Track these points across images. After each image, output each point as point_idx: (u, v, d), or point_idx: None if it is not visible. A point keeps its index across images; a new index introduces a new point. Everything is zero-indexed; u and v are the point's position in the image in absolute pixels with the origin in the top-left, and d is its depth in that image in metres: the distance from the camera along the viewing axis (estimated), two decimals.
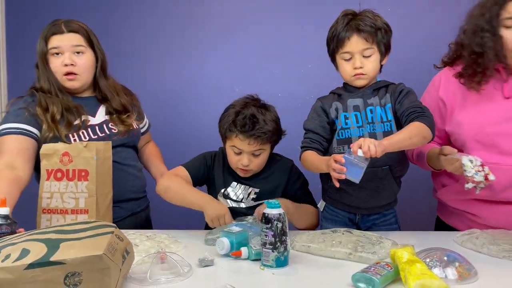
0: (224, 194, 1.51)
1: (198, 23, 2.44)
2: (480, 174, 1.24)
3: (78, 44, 1.53)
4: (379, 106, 1.40)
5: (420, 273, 0.92)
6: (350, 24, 1.38)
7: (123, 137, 1.59)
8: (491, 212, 1.36)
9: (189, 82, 2.45)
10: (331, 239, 1.21)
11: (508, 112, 1.33)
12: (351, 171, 1.19)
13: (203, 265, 1.11)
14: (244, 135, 1.41)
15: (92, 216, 1.37)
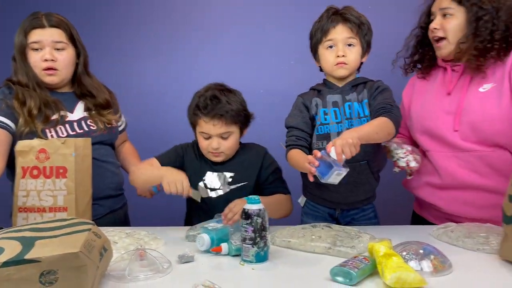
0: (205, 184, 1.51)
1: (180, 20, 2.43)
2: (402, 160, 1.41)
3: (59, 41, 1.50)
4: (356, 101, 1.42)
5: (396, 266, 0.93)
6: (336, 15, 1.41)
7: (102, 134, 1.57)
8: (447, 200, 1.43)
9: (172, 79, 2.44)
10: (310, 234, 1.22)
11: (448, 107, 1.42)
12: (322, 167, 1.17)
13: (183, 262, 1.11)
14: (207, 116, 1.42)
15: (71, 214, 1.35)
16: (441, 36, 1.41)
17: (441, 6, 1.40)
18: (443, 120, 1.42)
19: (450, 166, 1.40)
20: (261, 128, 2.35)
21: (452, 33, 1.39)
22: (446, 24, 1.40)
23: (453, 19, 1.38)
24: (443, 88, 1.47)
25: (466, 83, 1.40)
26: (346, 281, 0.95)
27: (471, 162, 1.37)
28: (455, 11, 1.38)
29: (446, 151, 1.41)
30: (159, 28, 2.44)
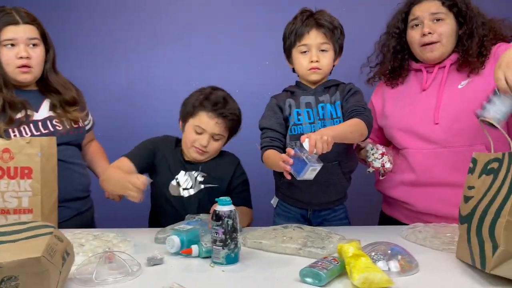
0: (177, 182, 1.50)
1: (153, 18, 2.40)
2: (378, 161, 1.45)
3: (34, 37, 1.47)
4: (329, 103, 1.43)
5: (364, 267, 0.95)
6: (310, 19, 1.42)
7: (68, 135, 1.53)
8: (420, 198, 1.46)
9: (145, 76, 2.40)
10: (282, 235, 1.22)
11: (423, 102, 1.47)
12: (296, 165, 1.19)
13: (152, 264, 1.09)
14: (215, 112, 1.44)
15: (37, 216, 1.31)
16: (435, 40, 1.44)
17: (431, 11, 1.44)
18: (422, 115, 1.46)
19: (428, 163, 1.44)
20: None
21: (446, 36, 1.44)
22: (438, 28, 1.44)
23: (445, 23, 1.44)
24: (417, 87, 1.52)
25: (443, 81, 1.46)
26: (315, 282, 0.95)
27: (449, 158, 1.40)
28: (445, 16, 1.44)
29: (424, 148, 1.45)
30: (129, 25, 2.39)
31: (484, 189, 1.00)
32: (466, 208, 1.05)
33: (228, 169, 1.55)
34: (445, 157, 1.41)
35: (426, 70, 1.51)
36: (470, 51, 1.42)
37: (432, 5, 1.44)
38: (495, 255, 0.91)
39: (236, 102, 1.55)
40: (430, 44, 1.45)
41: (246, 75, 2.39)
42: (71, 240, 1.19)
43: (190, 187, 1.49)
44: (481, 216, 0.97)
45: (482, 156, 1.07)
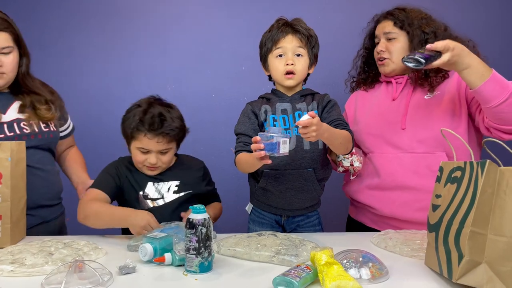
0: (144, 195, 1.48)
1: (130, 20, 2.37)
2: (347, 160, 1.53)
3: (6, 46, 1.43)
4: (306, 112, 1.44)
5: (336, 275, 0.96)
6: (286, 26, 1.45)
7: (37, 138, 1.48)
8: (384, 202, 1.52)
9: (120, 80, 2.37)
10: (256, 242, 1.22)
11: (393, 111, 1.55)
12: (268, 146, 1.19)
13: (124, 273, 1.08)
14: (153, 133, 1.41)
15: (6, 222, 1.27)
16: (386, 57, 1.56)
17: (384, 31, 1.56)
18: (391, 120, 1.53)
19: (391, 167, 1.50)
20: (211, 132, 2.36)
21: (395, 54, 1.54)
22: (390, 46, 1.55)
23: (396, 42, 1.54)
24: (388, 96, 1.59)
25: (410, 91, 1.54)
26: None
27: (411, 163, 1.46)
28: (397, 35, 1.54)
29: (388, 152, 1.51)
30: (106, 30, 2.36)
31: (449, 198, 1.03)
32: (434, 216, 1.08)
33: (197, 172, 1.57)
34: (407, 162, 1.48)
35: (396, 81, 1.59)
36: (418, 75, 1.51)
37: (386, 25, 1.56)
38: (460, 265, 0.94)
39: (175, 109, 1.52)
40: (381, 60, 1.58)
41: (222, 80, 2.39)
42: (39, 248, 1.17)
43: (162, 196, 1.48)
44: (447, 226, 1.00)
45: (447, 165, 1.10)
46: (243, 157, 1.39)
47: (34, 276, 1.06)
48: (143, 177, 1.50)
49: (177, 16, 2.38)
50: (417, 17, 1.52)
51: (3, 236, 1.26)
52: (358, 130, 1.60)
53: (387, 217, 1.51)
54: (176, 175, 1.51)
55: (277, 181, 1.43)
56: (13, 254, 1.14)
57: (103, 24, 2.36)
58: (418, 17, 1.52)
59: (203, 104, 2.38)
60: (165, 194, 1.48)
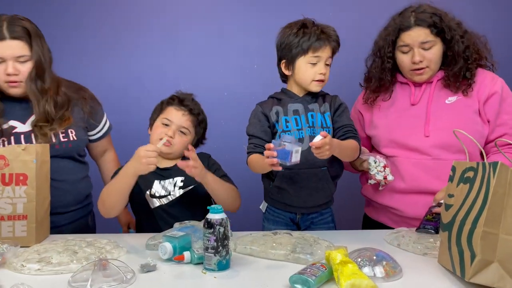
0: (151, 194, 1.52)
1: (143, 19, 2.40)
2: (380, 174, 1.51)
3: (21, 55, 1.43)
4: (319, 112, 1.49)
5: (351, 273, 0.99)
6: (324, 34, 1.45)
7: (54, 148, 1.48)
8: (408, 204, 1.53)
9: (134, 79, 2.40)
10: (271, 241, 1.26)
11: (413, 116, 1.55)
12: (281, 154, 1.24)
13: (146, 271, 1.12)
14: (181, 105, 1.56)
15: (32, 222, 1.32)
16: (424, 66, 1.50)
17: (420, 40, 1.47)
18: (413, 128, 1.52)
19: (415, 172, 1.50)
20: (224, 130, 2.39)
21: (434, 62, 1.51)
22: (427, 55, 1.49)
23: (433, 49, 1.49)
24: (406, 100, 1.58)
25: (431, 95, 1.53)
26: None
27: (436, 168, 1.47)
28: (434, 42, 1.48)
29: (412, 157, 1.51)
30: (119, 28, 2.39)
31: (462, 198, 1.05)
32: (447, 216, 1.10)
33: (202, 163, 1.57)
34: (432, 167, 1.48)
35: (414, 84, 1.57)
36: (455, 74, 1.50)
37: (421, 34, 1.47)
38: (473, 264, 0.96)
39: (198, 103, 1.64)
40: (419, 70, 1.51)
41: (235, 78, 2.41)
42: (64, 246, 1.22)
43: (169, 193, 1.52)
44: (460, 225, 1.03)
45: (460, 165, 1.12)
46: (255, 159, 1.43)
47: (61, 274, 1.10)
48: (149, 176, 1.52)
49: (188, 14, 2.40)
50: (450, 20, 1.49)
51: (29, 235, 1.32)
52: (377, 135, 1.60)
53: (410, 217, 1.52)
54: (180, 171, 1.53)
55: (291, 180, 1.46)
56: (40, 253, 1.19)
57: (114, 24, 2.38)
58: (451, 21, 1.49)
59: (215, 102, 2.40)
60: (171, 190, 1.52)
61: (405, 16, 1.50)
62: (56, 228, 1.52)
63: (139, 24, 2.40)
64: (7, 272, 1.13)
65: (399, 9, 1.57)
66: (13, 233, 1.31)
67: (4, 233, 1.30)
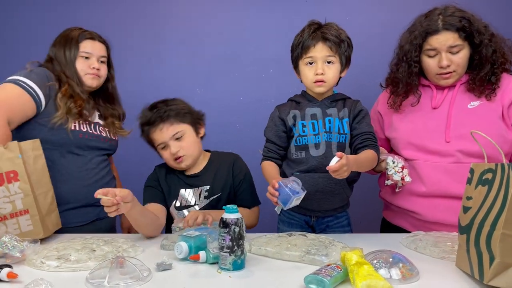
0: (176, 207, 1.54)
1: (159, 24, 2.44)
2: (398, 175, 1.49)
3: (104, 55, 1.70)
4: (337, 118, 1.46)
5: (367, 274, 0.98)
6: (316, 32, 1.44)
7: (107, 143, 1.68)
8: (428, 208, 1.50)
9: (152, 85, 2.43)
10: (286, 242, 1.26)
11: (434, 120, 1.53)
12: (282, 196, 1.26)
13: (161, 269, 1.13)
14: (152, 124, 1.52)
15: (35, 214, 1.34)
16: (451, 70, 1.48)
17: (449, 44, 1.45)
18: (433, 133, 1.50)
19: (436, 175, 1.48)
20: (239, 134, 2.40)
21: (461, 66, 1.48)
22: (455, 59, 1.47)
23: (461, 53, 1.47)
24: (427, 103, 1.56)
25: (453, 100, 1.51)
26: None
27: (457, 172, 1.45)
28: (462, 46, 1.46)
29: (433, 160, 1.49)
30: (135, 33, 2.44)
31: (481, 200, 1.03)
32: (465, 218, 1.09)
33: (226, 171, 1.59)
34: (453, 171, 1.46)
35: (436, 87, 1.55)
36: (481, 78, 1.48)
37: (450, 38, 1.44)
38: (492, 267, 0.94)
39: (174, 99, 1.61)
40: (446, 74, 1.49)
41: (250, 82, 2.43)
42: (83, 244, 1.24)
43: (194, 203, 1.53)
44: (479, 228, 1.01)
45: (478, 167, 1.11)
46: (265, 170, 1.47)
47: (79, 271, 1.12)
48: (176, 185, 1.56)
49: (205, 20, 2.43)
50: (478, 23, 1.45)
51: (35, 227, 1.35)
52: (397, 137, 1.59)
53: (429, 222, 1.50)
54: (206, 177, 1.55)
55: (307, 184, 1.43)
56: (59, 250, 1.21)
57: (131, 30, 2.43)
58: (479, 24, 1.46)
59: (231, 107, 2.43)
60: (197, 200, 1.53)
61: (432, 20, 1.47)
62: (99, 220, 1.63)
63: (156, 30, 2.44)
64: (27, 269, 1.15)
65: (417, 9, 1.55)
66: (19, 229, 1.33)
67: (11, 230, 1.32)
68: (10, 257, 1.17)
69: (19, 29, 2.42)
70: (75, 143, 1.56)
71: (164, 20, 2.44)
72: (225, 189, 1.55)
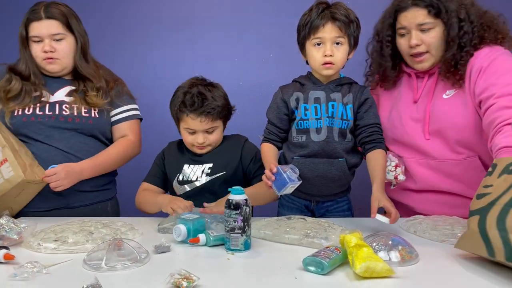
0: (178, 181, 1.53)
1: (158, 8, 2.41)
2: (391, 174, 1.47)
3: (57, 33, 1.55)
4: (341, 103, 1.42)
5: (366, 256, 0.97)
6: (325, 12, 1.37)
7: (74, 122, 1.56)
8: (420, 202, 1.50)
9: (149, 69, 2.42)
10: (285, 225, 1.25)
11: (414, 114, 1.48)
12: (277, 182, 1.26)
13: (160, 252, 1.13)
14: (195, 113, 1.46)
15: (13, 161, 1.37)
16: (423, 51, 1.41)
17: (417, 22, 1.38)
18: (413, 128, 1.47)
19: (423, 172, 1.46)
20: (240, 120, 2.38)
21: (434, 46, 1.40)
22: (425, 38, 1.39)
23: (433, 32, 1.39)
24: (410, 95, 1.51)
25: (432, 90, 1.45)
26: (318, 271, 0.98)
27: (441, 168, 1.43)
28: (433, 24, 1.38)
29: (418, 158, 1.47)
30: (137, 16, 2.41)
31: (507, 185, 1.01)
32: (478, 203, 1.06)
33: (235, 152, 1.56)
34: (438, 168, 1.44)
35: (416, 75, 1.49)
36: (445, 61, 1.40)
37: (418, 15, 1.38)
38: None
39: (218, 87, 1.56)
40: (419, 55, 1.42)
41: (250, 67, 2.41)
42: (80, 227, 1.24)
43: (196, 179, 1.52)
44: (504, 209, 0.98)
45: (502, 161, 1.08)
46: (264, 152, 1.45)
47: (76, 253, 1.12)
48: (182, 158, 1.56)
49: (204, 3, 2.40)
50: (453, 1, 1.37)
51: (15, 171, 1.37)
52: (386, 136, 1.51)
53: (423, 214, 1.46)
54: (212, 156, 1.54)
55: (307, 168, 1.42)
56: (56, 233, 1.20)
57: (130, 14, 2.40)
58: (454, 2, 1.37)
59: (231, 92, 2.38)
60: (198, 176, 1.52)
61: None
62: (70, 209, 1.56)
63: (155, 14, 2.41)
64: (24, 251, 1.15)
65: None
66: (2, 178, 1.37)
67: None
68: (7, 239, 1.17)
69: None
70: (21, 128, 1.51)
71: (163, 3, 2.41)
72: (229, 169, 1.53)
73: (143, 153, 1.73)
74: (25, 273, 0.96)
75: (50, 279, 0.97)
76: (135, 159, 1.73)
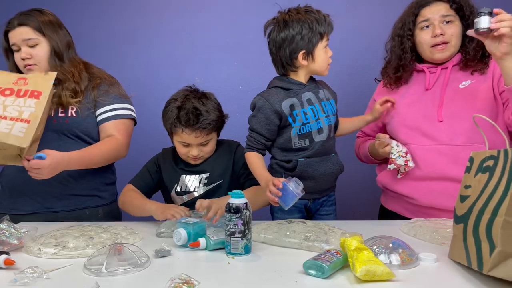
0: (176, 191, 1.54)
1: (158, 12, 2.42)
2: (402, 159, 1.48)
3: (29, 38, 1.54)
4: (326, 100, 1.50)
5: (366, 260, 0.97)
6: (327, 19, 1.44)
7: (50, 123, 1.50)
8: (423, 192, 1.51)
9: (150, 72, 2.42)
10: (285, 229, 1.25)
11: (427, 101, 1.55)
12: (285, 197, 1.25)
13: (160, 256, 1.13)
14: (190, 129, 1.45)
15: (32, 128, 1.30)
16: (446, 40, 1.51)
17: (441, 13, 1.51)
18: (427, 112, 1.52)
19: (431, 157, 1.48)
20: (238, 124, 2.38)
21: (455, 37, 1.52)
22: (448, 29, 1.51)
23: (454, 25, 1.52)
24: (420, 86, 1.58)
25: (445, 81, 1.52)
26: (318, 274, 0.98)
27: (451, 154, 1.45)
28: (454, 18, 1.52)
29: (426, 144, 1.50)
30: (133, 21, 2.42)
31: (480, 188, 1.00)
32: (462, 207, 1.06)
33: (227, 158, 1.57)
34: (446, 153, 1.46)
35: (429, 70, 1.57)
36: (471, 54, 1.50)
37: (442, 8, 1.52)
38: (492, 256, 0.89)
39: (211, 98, 1.54)
40: (441, 45, 1.52)
41: (250, 71, 2.41)
42: (81, 232, 1.23)
43: (194, 190, 1.52)
44: (478, 216, 0.97)
45: (478, 155, 1.08)
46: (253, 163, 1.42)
47: (77, 258, 1.12)
48: (177, 170, 1.55)
49: (203, 7, 2.41)
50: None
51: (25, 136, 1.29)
52: (392, 122, 1.60)
53: (425, 207, 1.50)
54: (207, 165, 1.55)
55: (312, 168, 1.46)
56: (56, 237, 1.20)
57: (131, 17, 2.41)
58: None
59: (231, 96, 2.41)
60: (196, 187, 1.53)
61: None
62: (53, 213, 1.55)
63: (154, 18, 2.42)
64: (25, 256, 1.15)
65: None
66: (10, 131, 1.28)
67: (1, 129, 1.28)
68: (7, 244, 1.17)
69: None
70: None
71: (163, 7, 2.41)
72: (225, 177, 1.54)
73: (144, 156, 1.69)
74: (25, 279, 0.96)
75: (50, 284, 0.96)
76: (137, 162, 1.69)
